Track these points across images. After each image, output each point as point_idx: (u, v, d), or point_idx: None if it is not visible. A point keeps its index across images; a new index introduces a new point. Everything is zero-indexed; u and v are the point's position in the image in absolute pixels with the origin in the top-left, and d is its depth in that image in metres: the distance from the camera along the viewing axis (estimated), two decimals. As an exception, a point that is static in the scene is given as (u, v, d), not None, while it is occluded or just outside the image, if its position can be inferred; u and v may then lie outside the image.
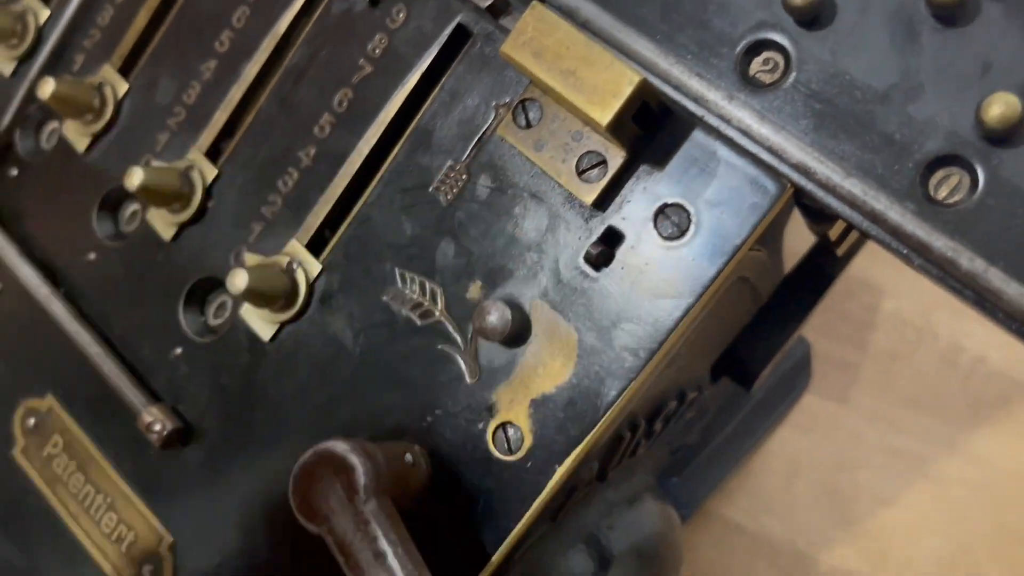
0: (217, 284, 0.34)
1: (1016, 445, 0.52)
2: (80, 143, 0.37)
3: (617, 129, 0.26)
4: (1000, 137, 0.24)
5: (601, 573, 0.33)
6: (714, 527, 0.49)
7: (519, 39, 0.26)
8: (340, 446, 0.26)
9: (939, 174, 0.25)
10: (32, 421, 0.37)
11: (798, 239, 0.39)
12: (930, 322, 0.55)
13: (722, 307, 0.32)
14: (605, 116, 0.25)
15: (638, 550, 0.35)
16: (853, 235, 0.33)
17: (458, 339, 0.30)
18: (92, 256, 0.36)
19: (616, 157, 0.28)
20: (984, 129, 0.24)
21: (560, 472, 0.28)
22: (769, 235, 0.32)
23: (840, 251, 0.33)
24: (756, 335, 0.37)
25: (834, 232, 0.31)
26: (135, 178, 0.33)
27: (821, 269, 0.38)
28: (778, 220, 0.30)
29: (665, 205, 0.27)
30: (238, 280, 0.30)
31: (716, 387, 0.40)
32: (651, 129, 0.28)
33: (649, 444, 0.35)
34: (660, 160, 0.28)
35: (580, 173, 0.28)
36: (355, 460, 0.26)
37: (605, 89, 0.25)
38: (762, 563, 0.49)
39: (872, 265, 0.57)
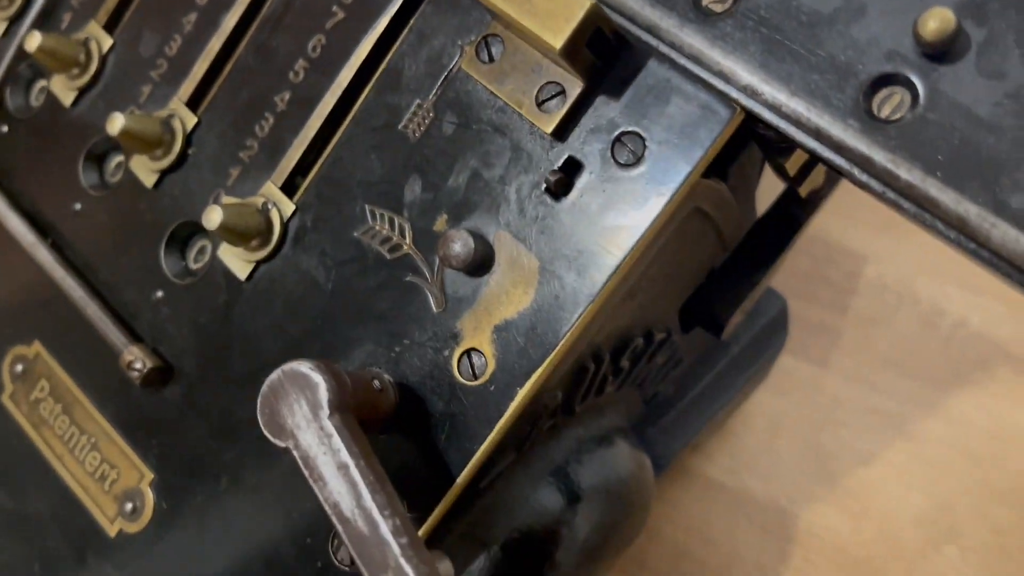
0: (197, 228, 0.35)
1: (995, 405, 0.52)
2: (66, 97, 0.38)
3: (572, 55, 0.27)
4: (938, 52, 0.24)
5: (570, 508, 0.34)
6: (696, 485, 0.50)
7: (478, -29, 0.27)
8: (305, 364, 0.27)
9: (882, 93, 0.25)
10: (20, 367, 0.38)
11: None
12: (911, 287, 0.56)
13: (682, 242, 0.33)
14: (558, 40, 0.26)
15: (607, 488, 0.35)
16: (816, 175, 0.34)
17: (425, 271, 0.31)
18: (78, 206, 0.37)
19: (574, 87, 0.29)
20: (922, 45, 0.24)
21: (521, 394, 0.29)
22: (734, 172, 0.33)
23: (803, 191, 0.34)
24: (724, 282, 0.38)
25: (792, 166, 0.31)
26: (116, 123, 0.34)
27: (789, 217, 0.39)
28: (734, 151, 0.31)
29: (622, 133, 0.28)
30: (213, 216, 0.31)
31: (689, 337, 0.40)
32: (608, 59, 0.28)
33: (617, 382, 0.36)
34: (617, 90, 0.29)
35: (540, 104, 0.29)
36: (318, 377, 0.27)
37: (558, 14, 0.26)
38: (743, 520, 0.49)
39: (854, 232, 0.58)
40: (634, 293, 0.32)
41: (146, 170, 0.36)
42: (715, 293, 0.38)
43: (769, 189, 0.39)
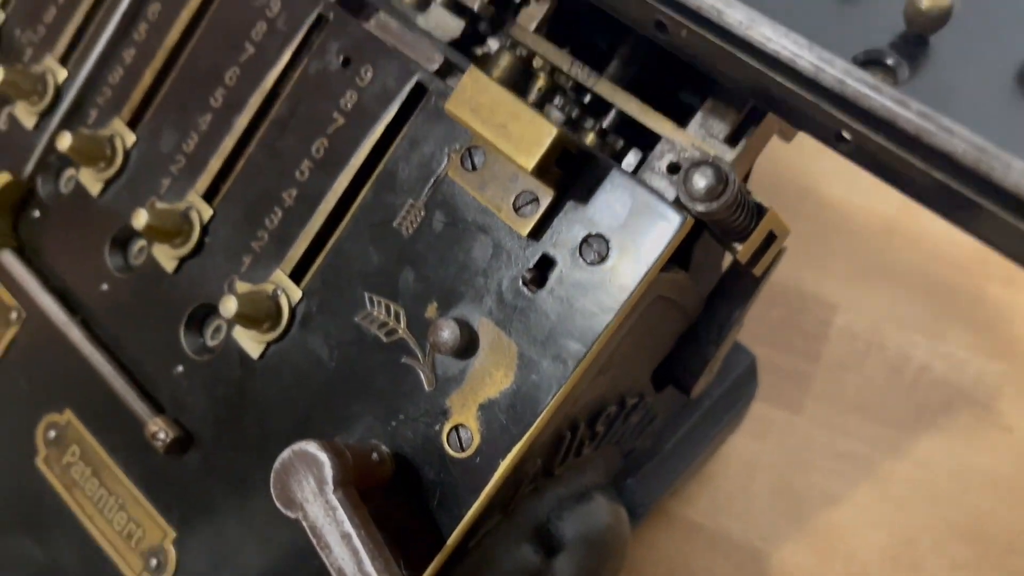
0: (213, 310, 0.39)
1: (956, 447, 0.56)
2: (94, 188, 0.42)
3: (543, 172, 0.31)
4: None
5: (551, 559, 0.38)
6: (676, 527, 0.54)
7: (460, 97, 0.31)
8: (312, 445, 0.31)
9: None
10: (53, 433, 0.42)
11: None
12: (879, 334, 0.60)
13: (648, 323, 0.36)
14: (530, 162, 0.30)
15: (586, 538, 0.39)
16: (767, 256, 0.37)
17: (418, 353, 0.34)
18: (105, 287, 0.41)
19: (546, 195, 0.32)
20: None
21: (504, 465, 0.32)
22: (698, 247, 0.37)
23: (757, 271, 0.37)
24: (688, 347, 0.41)
25: (745, 253, 0.35)
26: (141, 219, 0.38)
27: (742, 288, 0.42)
28: (691, 241, 0.35)
29: (588, 235, 0.32)
30: (229, 305, 0.35)
31: (662, 395, 0.44)
32: (575, 172, 0.32)
33: (594, 445, 0.40)
34: (584, 197, 0.32)
35: (517, 209, 0.33)
36: (324, 456, 0.30)
37: (530, 140, 0.30)
38: (720, 559, 0.53)
39: (826, 282, 0.62)
40: (606, 369, 0.35)
41: (167, 256, 0.40)
42: (681, 357, 0.41)
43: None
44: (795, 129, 0.41)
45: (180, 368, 0.39)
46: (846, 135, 0.28)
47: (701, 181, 0.30)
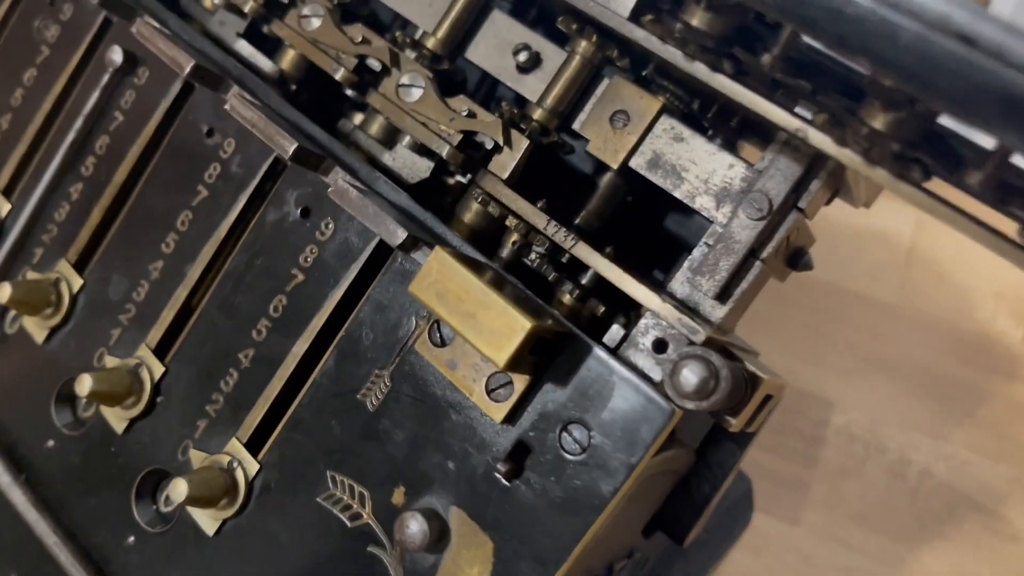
0: (166, 475, 0.36)
1: (960, 559, 0.53)
2: (39, 335, 0.39)
3: (516, 366, 0.28)
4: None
5: None
6: (671, 654, 0.51)
7: (425, 280, 0.29)
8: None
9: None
10: (-3, 601, 0.39)
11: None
12: (879, 435, 0.57)
13: (636, 498, 0.34)
14: (501, 357, 0.27)
15: None
16: (763, 414, 0.35)
17: (385, 541, 0.32)
18: (51, 444, 0.38)
19: (521, 380, 0.30)
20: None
21: (479, 675, 0.30)
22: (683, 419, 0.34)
23: (752, 428, 0.35)
24: (681, 498, 0.39)
25: (738, 427, 0.32)
26: (85, 386, 0.35)
27: (729, 448, 0.40)
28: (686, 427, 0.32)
29: (568, 422, 0.29)
30: (180, 488, 0.32)
31: (652, 539, 0.41)
32: (552, 351, 0.30)
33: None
34: (563, 379, 0.30)
35: (490, 392, 0.30)
36: None
37: (501, 333, 0.27)
38: None
39: (823, 379, 0.59)
40: (590, 551, 0.33)
41: (116, 417, 0.37)
42: (673, 510, 0.39)
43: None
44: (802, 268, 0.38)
45: (131, 539, 0.36)
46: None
47: (691, 378, 0.27)
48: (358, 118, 0.39)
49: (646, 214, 0.40)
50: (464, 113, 0.35)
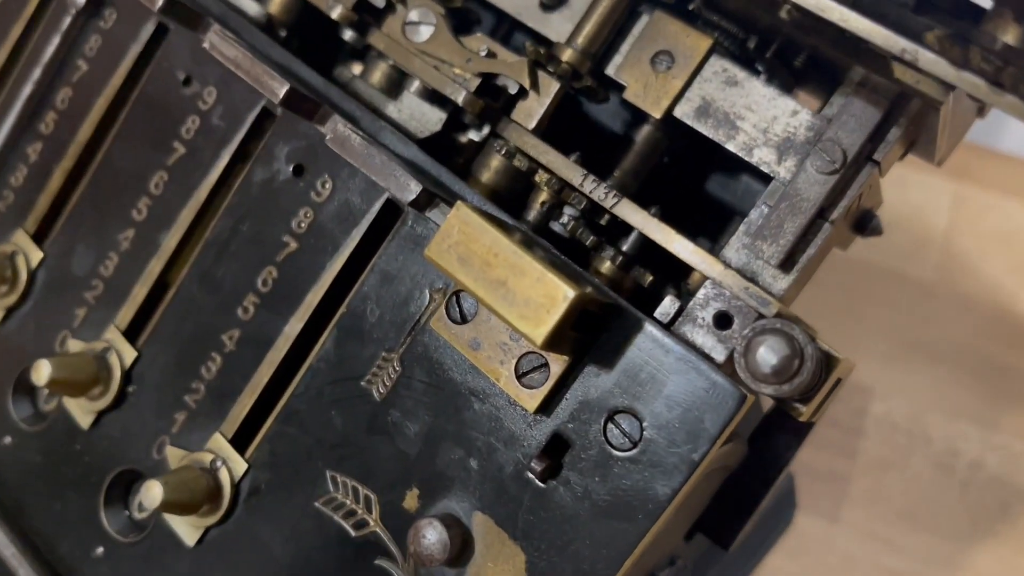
0: (139, 476, 0.31)
1: (1017, 559, 0.49)
2: (-8, 316, 0.34)
3: (555, 344, 0.23)
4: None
5: None
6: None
7: (444, 242, 0.24)
8: None
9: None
10: (-52, 621, 0.34)
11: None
12: (922, 425, 0.53)
13: (690, 496, 0.29)
14: (539, 334, 0.23)
15: None
16: (829, 400, 0.30)
17: (396, 553, 0.27)
18: (8, 440, 0.33)
19: (559, 361, 0.25)
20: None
21: None
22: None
23: (816, 418, 0.30)
24: (730, 497, 0.34)
25: (807, 415, 0.28)
26: (43, 373, 0.30)
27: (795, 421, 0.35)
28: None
29: (615, 411, 0.25)
30: (154, 492, 0.28)
31: (690, 544, 0.37)
32: (595, 327, 0.25)
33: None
34: (608, 360, 0.25)
35: (520, 376, 0.25)
36: None
37: (539, 304, 0.23)
38: None
39: (861, 364, 0.54)
40: (637, 562, 0.28)
41: (82, 410, 0.32)
42: (720, 511, 0.34)
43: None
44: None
45: (100, 550, 0.31)
46: None
47: (769, 357, 0.22)
48: (357, 68, 0.34)
49: (685, 176, 0.35)
50: (483, 53, 0.30)
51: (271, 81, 0.28)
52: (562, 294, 0.22)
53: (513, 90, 0.29)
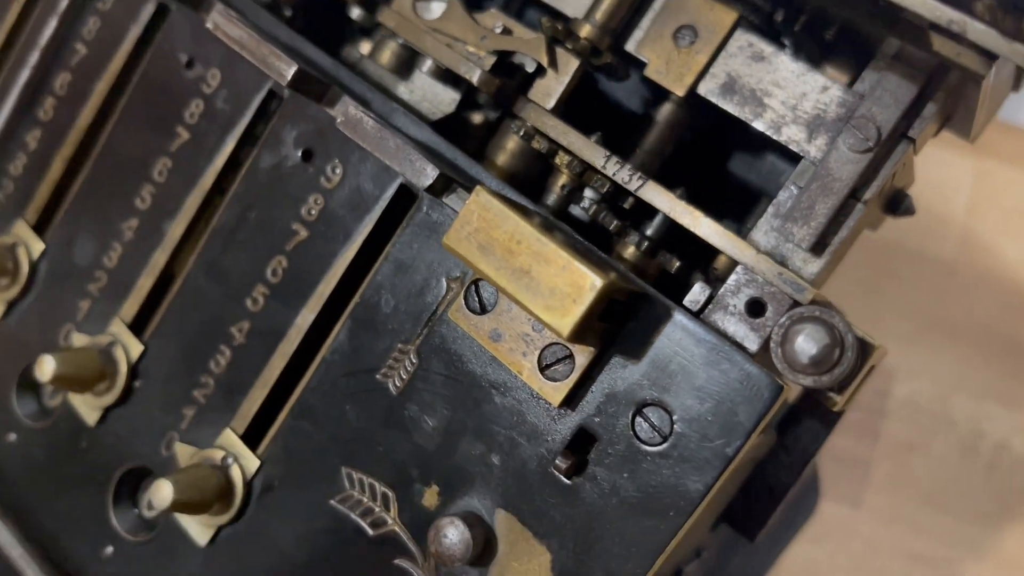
0: (149, 473, 0.30)
1: (1047, 544, 0.48)
2: (-6, 309, 0.33)
3: (582, 336, 0.22)
4: None
5: None
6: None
7: (463, 229, 0.23)
8: None
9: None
10: (-44, 622, 0.33)
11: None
12: (947, 406, 0.51)
13: (720, 491, 0.28)
14: (566, 325, 0.21)
15: None
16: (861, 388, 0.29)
17: (415, 552, 0.26)
18: (12, 437, 0.32)
19: (584, 352, 0.24)
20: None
21: None
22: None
23: (847, 407, 0.29)
24: (756, 487, 0.33)
25: (841, 404, 0.27)
26: (47, 369, 0.29)
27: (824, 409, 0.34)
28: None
29: (644, 404, 0.24)
30: (164, 492, 0.27)
31: (714, 535, 0.36)
32: (622, 316, 0.24)
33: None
34: (635, 351, 0.24)
35: (544, 368, 0.24)
36: None
37: (565, 294, 0.21)
38: None
39: (881, 343, 0.53)
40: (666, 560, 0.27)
41: (88, 406, 0.31)
42: (746, 502, 0.33)
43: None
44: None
45: (109, 549, 0.30)
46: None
47: (808, 347, 0.21)
48: (366, 47, 0.32)
49: (705, 156, 0.34)
50: (497, 30, 0.28)
51: (278, 62, 0.26)
52: (589, 283, 0.21)
53: (530, 68, 0.28)
